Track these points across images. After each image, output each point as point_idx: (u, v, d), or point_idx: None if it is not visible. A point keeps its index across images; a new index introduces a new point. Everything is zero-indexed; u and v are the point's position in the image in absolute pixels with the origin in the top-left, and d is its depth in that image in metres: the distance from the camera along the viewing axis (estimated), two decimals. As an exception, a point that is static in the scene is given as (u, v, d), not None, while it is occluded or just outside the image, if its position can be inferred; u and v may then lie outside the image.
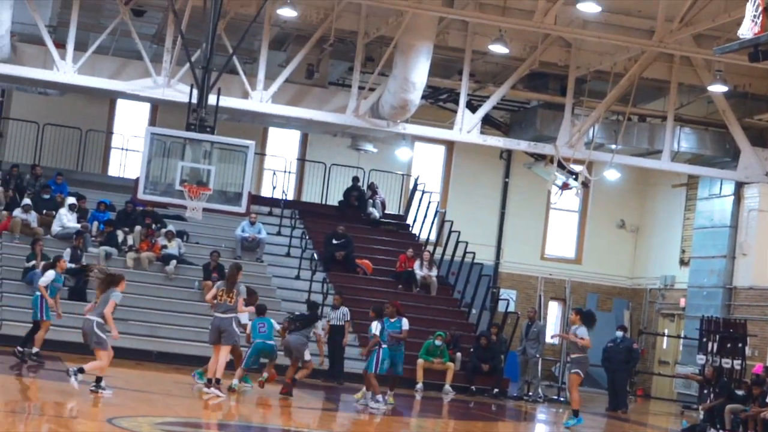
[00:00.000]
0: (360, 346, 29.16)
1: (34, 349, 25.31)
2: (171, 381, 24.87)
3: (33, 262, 29.73)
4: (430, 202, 37.09)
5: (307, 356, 23.62)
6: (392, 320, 23.85)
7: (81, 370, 18.80)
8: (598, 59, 31.68)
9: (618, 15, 29.39)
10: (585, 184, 34.63)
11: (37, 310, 25.39)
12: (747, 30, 23.18)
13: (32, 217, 32.20)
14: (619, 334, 30.18)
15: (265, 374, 23.67)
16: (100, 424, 15.97)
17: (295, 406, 22.28)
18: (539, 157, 34.16)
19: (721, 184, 34.67)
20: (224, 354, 21.69)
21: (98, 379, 19.09)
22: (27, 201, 32.55)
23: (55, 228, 32.29)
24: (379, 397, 22.65)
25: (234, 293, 21.79)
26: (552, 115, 33.15)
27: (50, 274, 25.41)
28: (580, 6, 27.56)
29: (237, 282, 22.03)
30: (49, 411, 17.90)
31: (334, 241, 34.42)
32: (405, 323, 24.36)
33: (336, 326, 28.80)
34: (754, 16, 23.06)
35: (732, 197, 34.31)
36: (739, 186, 33.97)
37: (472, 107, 32.03)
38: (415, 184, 38.18)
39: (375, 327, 22.60)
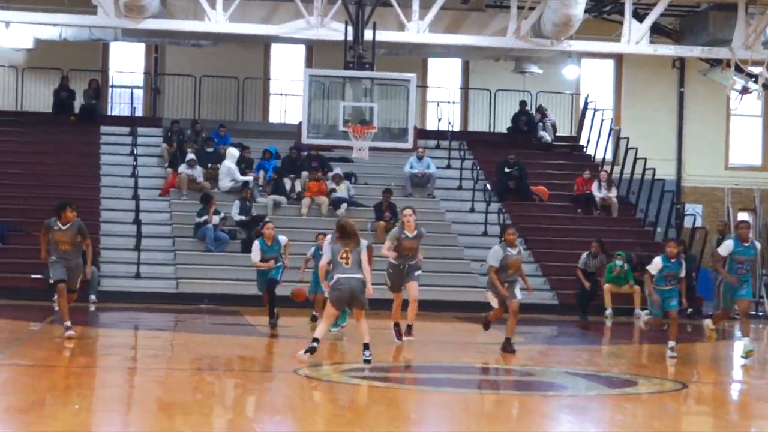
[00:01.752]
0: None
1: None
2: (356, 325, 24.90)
3: (204, 217, 30.29)
4: (603, 120, 36.81)
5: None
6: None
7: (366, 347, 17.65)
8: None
9: None
10: (766, 86, 34.04)
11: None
12: None
13: (198, 172, 32.73)
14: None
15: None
16: (287, 375, 16.17)
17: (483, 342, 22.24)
18: (715, 63, 33.71)
19: None
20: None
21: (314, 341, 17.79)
22: (191, 156, 33.11)
23: (225, 183, 32.83)
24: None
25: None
26: (725, 16, 32.49)
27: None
28: None
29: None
30: (235, 365, 18.25)
31: (507, 170, 34.39)
32: None
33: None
34: None
35: None
36: None
37: (639, 16, 31.62)
38: (586, 103, 37.90)
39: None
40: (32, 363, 17.15)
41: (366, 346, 17.16)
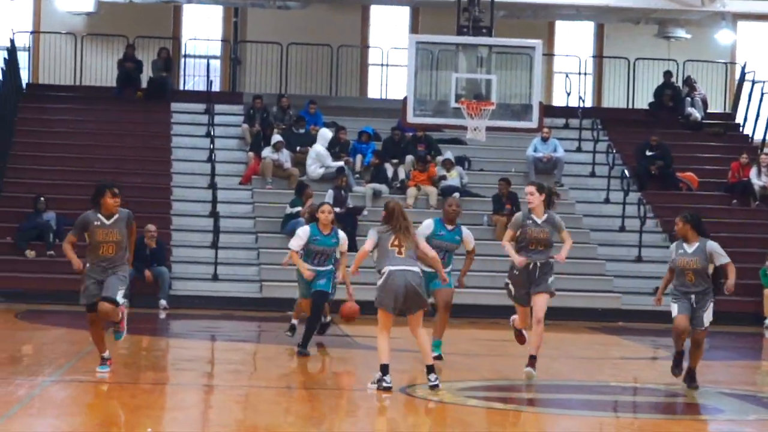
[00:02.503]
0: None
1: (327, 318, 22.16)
2: (468, 337, 24.85)
3: (298, 208, 30.07)
4: (763, 94, 36.41)
5: None
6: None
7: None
8: None
9: None
10: None
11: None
12: None
13: (285, 156, 32.74)
14: None
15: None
16: (393, 395, 16.20)
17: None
18: None
19: None
20: None
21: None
22: (277, 137, 33.08)
23: (316, 170, 32.76)
24: None
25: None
26: None
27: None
28: None
29: None
30: (331, 382, 18.31)
31: (648, 153, 34.23)
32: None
33: None
34: None
35: None
36: None
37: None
38: (743, 74, 37.57)
39: None
40: (95, 380, 17.30)
41: (430, 369, 15.63)
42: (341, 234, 19.56)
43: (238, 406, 15.09)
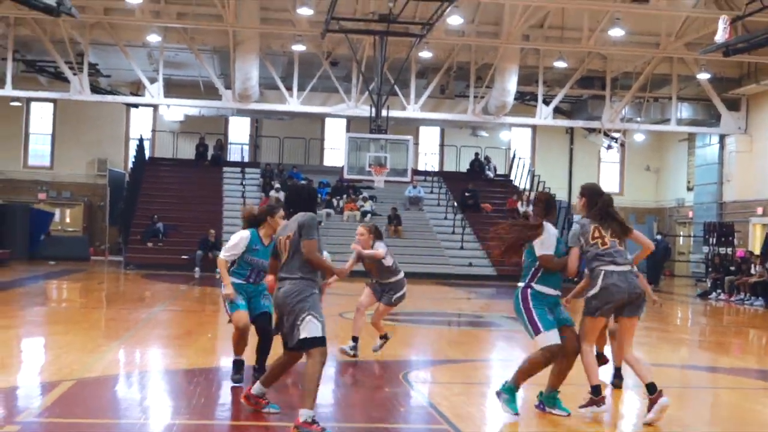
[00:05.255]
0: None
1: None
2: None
3: (284, 222, 30.21)
4: (524, 165, 36.75)
5: None
6: None
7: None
8: (625, 64, 31.07)
9: (635, 35, 28.79)
10: (622, 145, 34.11)
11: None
12: (720, 37, 22.55)
13: (280, 195, 32.60)
14: (659, 237, 29.61)
15: None
16: (335, 318, 16.00)
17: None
18: (592, 130, 33.75)
19: (710, 137, 33.84)
20: None
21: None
22: (277, 185, 32.99)
23: (295, 200, 32.52)
24: None
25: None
26: (598, 102, 32.57)
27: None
28: (610, 32, 27.06)
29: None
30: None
31: (466, 194, 34.38)
32: None
33: None
34: (725, 27, 22.44)
35: (718, 145, 33.42)
36: (722, 137, 33.06)
37: (547, 102, 31.67)
38: (514, 155, 37.88)
39: None
40: (182, 309, 17.19)
41: (653, 388, 7.10)
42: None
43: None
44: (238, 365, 8.48)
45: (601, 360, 8.97)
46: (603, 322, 7.60)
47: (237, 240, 8.43)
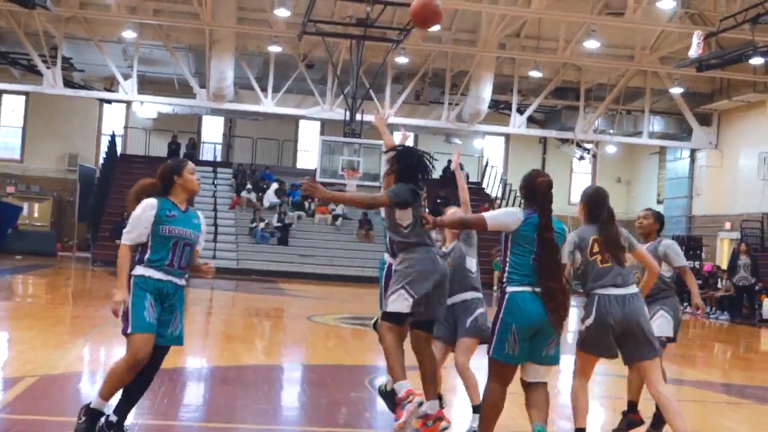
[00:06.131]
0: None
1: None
2: (345, 292, 24.70)
3: (255, 224, 30.10)
4: (497, 174, 36.86)
5: None
6: None
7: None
8: (599, 76, 31.32)
9: (610, 47, 29.00)
10: (594, 156, 34.32)
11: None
12: (694, 52, 22.77)
13: (252, 196, 32.59)
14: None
15: None
16: (303, 321, 16.06)
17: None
18: (565, 141, 33.92)
19: (681, 151, 34.16)
20: None
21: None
22: (249, 185, 32.89)
23: (265, 202, 32.33)
24: None
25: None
26: (572, 113, 32.79)
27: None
28: (586, 44, 27.23)
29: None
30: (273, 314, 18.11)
31: (438, 200, 34.12)
32: None
33: None
34: (698, 43, 22.66)
35: (688, 159, 33.75)
36: (693, 152, 33.39)
37: (521, 111, 31.82)
38: (487, 163, 37.98)
39: None
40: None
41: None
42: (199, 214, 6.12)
43: (223, 325, 14.75)
44: (93, 416, 5.59)
45: (634, 417, 6.96)
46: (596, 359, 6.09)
47: (138, 212, 5.66)
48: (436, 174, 37.79)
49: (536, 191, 5.90)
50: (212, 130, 38.40)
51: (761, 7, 21.69)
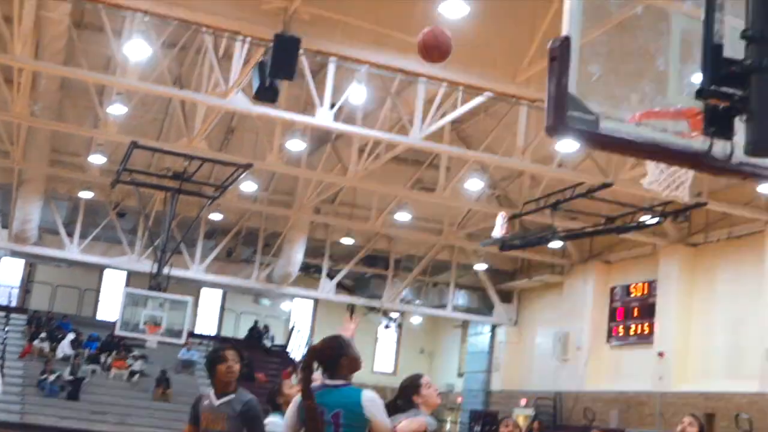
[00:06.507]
0: None
1: None
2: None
3: (45, 375, 28.47)
4: (302, 337, 36.64)
5: None
6: None
7: None
8: (408, 248, 32.21)
9: (420, 221, 29.97)
10: (399, 325, 34.87)
11: None
12: (497, 232, 23.87)
13: (45, 345, 30.89)
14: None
15: None
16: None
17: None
18: (372, 308, 34.30)
19: (483, 326, 35.17)
20: None
21: None
22: (43, 334, 31.26)
23: (59, 353, 30.72)
24: None
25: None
26: (380, 281, 33.36)
27: None
28: (397, 215, 28.06)
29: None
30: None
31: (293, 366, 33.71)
32: None
33: None
34: (502, 224, 23.82)
35: (489, 334, 34.76)
36: (494, 327, 34.44)
37: (331, 276, 32.09)
38: (294, 326, 37.75)
39: None
40: None
41: None
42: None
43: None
44: None
45: None
46: None
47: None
48: (241, 334, 37.26)
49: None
50: (10, 273, 36.56)
51: (561, 195, 23.13)
